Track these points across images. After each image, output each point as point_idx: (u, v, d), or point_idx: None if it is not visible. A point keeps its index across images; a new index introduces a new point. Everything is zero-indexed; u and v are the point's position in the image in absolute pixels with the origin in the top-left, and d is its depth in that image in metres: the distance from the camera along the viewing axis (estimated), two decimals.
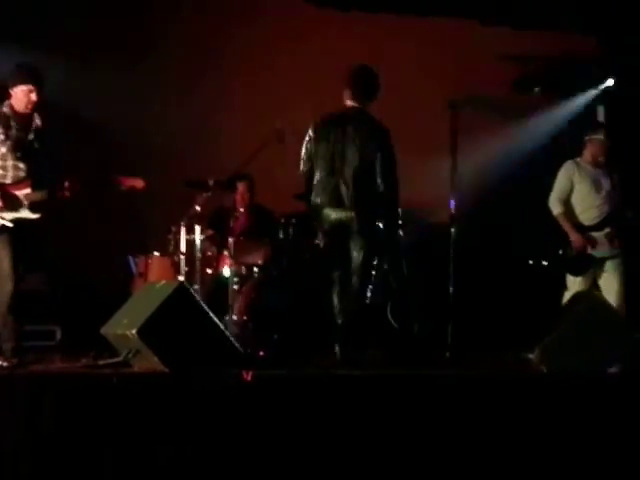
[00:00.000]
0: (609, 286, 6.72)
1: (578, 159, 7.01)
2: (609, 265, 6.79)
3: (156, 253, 7.71)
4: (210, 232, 7.74)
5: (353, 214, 6.04)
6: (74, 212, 6.66)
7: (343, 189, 6.07)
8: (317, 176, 6.15)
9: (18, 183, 5.87)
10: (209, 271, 7.65)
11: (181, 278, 7.39)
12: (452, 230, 6.76)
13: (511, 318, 7.62)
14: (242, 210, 7.91)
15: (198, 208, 7.40)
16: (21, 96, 5.88)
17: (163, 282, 5.89)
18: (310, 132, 6.19)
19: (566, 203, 6.92)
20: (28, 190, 5.87)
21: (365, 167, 6.08)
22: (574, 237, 6.80)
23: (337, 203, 6.08)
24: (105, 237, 8.14)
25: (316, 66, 8.68)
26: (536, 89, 9.11)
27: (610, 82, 9.22)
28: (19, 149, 5.86)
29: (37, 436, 4.83)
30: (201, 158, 8.33)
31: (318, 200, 6.13)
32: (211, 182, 7.16)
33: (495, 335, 7.25)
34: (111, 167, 6.04)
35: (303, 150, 6.21)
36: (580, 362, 5.48)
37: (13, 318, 5.83)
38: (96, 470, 4.85)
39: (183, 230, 7.54)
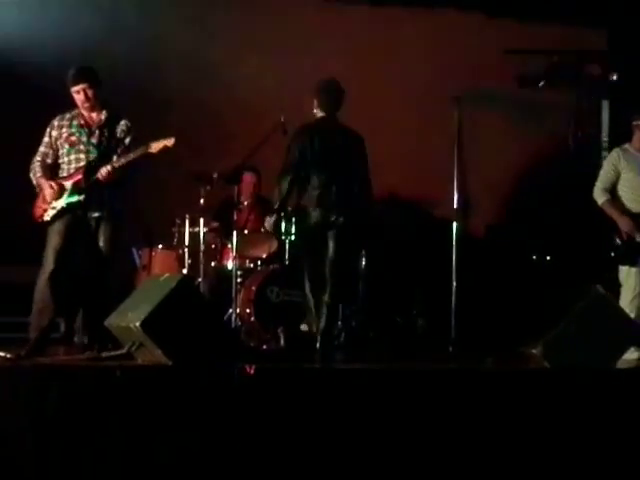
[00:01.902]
0: None
1: (626, 145, 6.77)
2: None
3: (160, 246, 7.72)
4: (214, 225, 7.75)
5: (339, 216, 6.29)
6: None
7: (331, 193, 6.30)
8: (311, 180, 6.34)
9: (70, 174, 6.08)
10: (213, 264, 7.66)
11: (185, 271, 7.42)
12: (455, 224, 6.76)
13: (514, 313, 7.61)
14: (246, 203, 7.90)
15: (202, 201, 7.42)
16: (76, 97, 6.11)
17: (167, 275, 5.89)
18: (295, 139, 6.38)
19: (612, 192, 6.66)
20: (78, 177, 6.04)
21: (347, 172, 6.35)
22: (622, 222, 6.51)
23: (325, 205, 6.30)
24: None
25: (322, 59, 8.67)
26: (541, 83, 9.08)
27: (615, 76, 9.19)
28: (82, 144, 6.10)
29: (41, 428, 4.84)
30: (206, 151, 8.34)
31: (307, 202, 6.36)
32: (215, 175, 7.17)
33: (498, 330, 7.26)
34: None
35: (292, 156, 6.33)
36: (583, 357, 5.47)
37: (38, 308, 5.96)
38: (99, 462, 4.86)
39: (187, 223, 7.57)
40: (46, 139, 6.21)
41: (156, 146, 6.02)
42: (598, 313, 5.65)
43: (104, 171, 5.97)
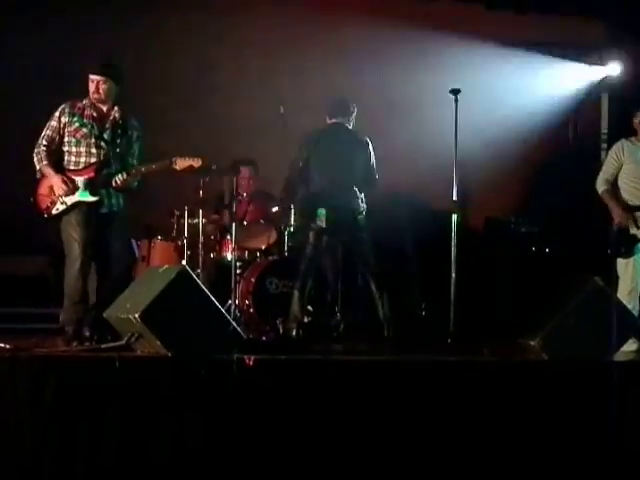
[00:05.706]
0: None
1: (633, 138, 6.74)
2: None
3: (159, 237, 7.72)
4: (213, 217, 7.75)
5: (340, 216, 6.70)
6: None
7: (338, 190, 6.71)
8: (315, 179, 6.79)
9: (81, 169, 6.01)
10: (212, 256, 7.66)
11: (184, 262, 7.42)
12: (454, 216, 6.77)
13: (513, 305, 7.62)
14: (245, 195, 7.91)
15: (201, 193, 7.42)
16: (90, 85, 6.06)
17: (166, 266, 5.90)
18: (305, 141, 6.81)
19: (613, 183, 6.68)
20: (91, 174, 5.99)
21: (356, 171, 6.78)
22: (617, 213, 6.57)
23: (334, 203, 6.68)
24: None
25: (320, 50, 8.67)
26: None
27: (614, 68, 9.19)
28: (93, 138, 6.02)
29: (39, 419, 4.85)
30: (205, 143, 8.33)
31: (315, 200, 6.75)
32: (214, 167, 7.17)
33: (497, 321, 7.27)
34: None
35: (300, 155, 6.79)
36: (581, 349, 5.48)
37: (74, 301, 5.92)
38: (97, 451, 4.87)
39: (186, 215, 7.57)
40: (54, 123, 6.07)
41: (181, 163, 6.02)
42: (596, 305, 5.65)
43: (122, 177, 5.95)
